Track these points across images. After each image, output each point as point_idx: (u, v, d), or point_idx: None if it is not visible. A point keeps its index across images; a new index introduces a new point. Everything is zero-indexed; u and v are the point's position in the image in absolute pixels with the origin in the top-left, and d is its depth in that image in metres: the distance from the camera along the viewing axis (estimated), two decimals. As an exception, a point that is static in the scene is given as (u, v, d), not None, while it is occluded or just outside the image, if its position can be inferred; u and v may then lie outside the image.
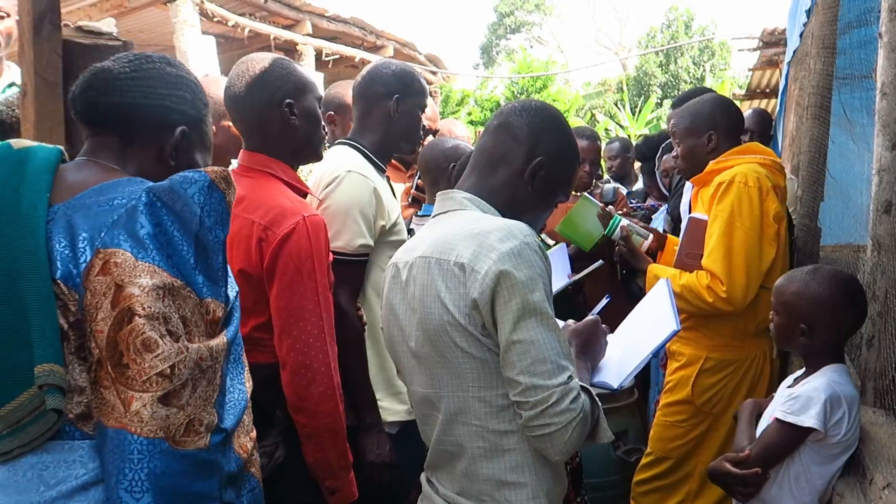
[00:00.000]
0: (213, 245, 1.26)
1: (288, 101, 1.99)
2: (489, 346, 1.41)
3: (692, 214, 2.66)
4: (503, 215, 1.54)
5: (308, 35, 7.33)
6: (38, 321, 1.17)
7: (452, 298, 1.41)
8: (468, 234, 1.44)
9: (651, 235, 2.96)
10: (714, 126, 2.69)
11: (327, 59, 7.68)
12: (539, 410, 1.35)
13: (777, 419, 1.86)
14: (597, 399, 1.47)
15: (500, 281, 1.37)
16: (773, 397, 2.09)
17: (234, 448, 1.35)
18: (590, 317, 1.72)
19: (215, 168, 1.29)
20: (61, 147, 1.38)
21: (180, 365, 1.17)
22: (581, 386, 1.42)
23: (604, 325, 1.73)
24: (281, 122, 1.99)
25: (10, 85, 2.88)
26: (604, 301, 2.58)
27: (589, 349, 1.67)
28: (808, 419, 1.79)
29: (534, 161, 1.56)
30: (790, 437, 1.84)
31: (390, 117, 2.35)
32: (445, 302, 1.42)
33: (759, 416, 2.07)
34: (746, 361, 2.62)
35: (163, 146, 1.42)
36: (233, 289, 1.38)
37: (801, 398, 1.83)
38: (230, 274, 1.38)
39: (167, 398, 1.16)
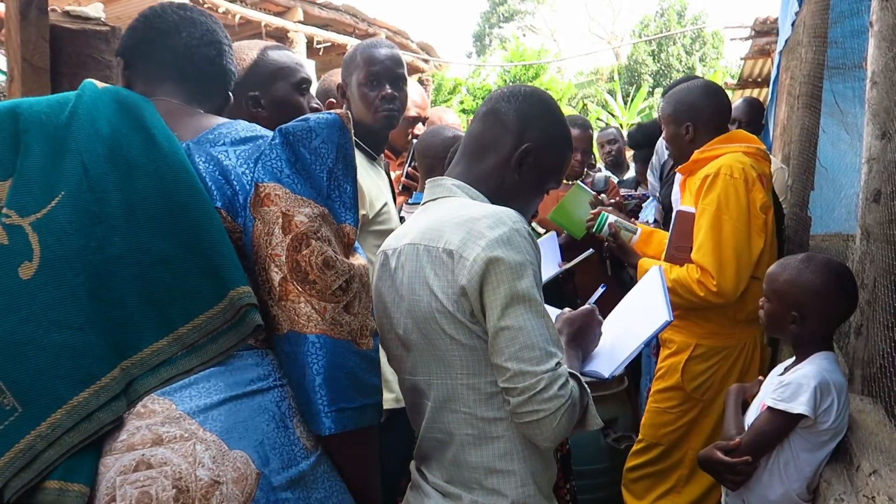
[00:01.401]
0: (344, 175, 1.37)
1: (251, 94, 1.97)
2: (477, 333, 1.41)
3: (679, 208, 2.67)
4: (492, 202, 1.53)
5: (299, 22, 7.27)
6: (223, 249, 1.28)
7: (441, 285, 1.41)
8: (457, 220, 1.43)
9: (639, 230, 2.97)
10: (692, 117, 2.69)
11: (319, 46, 7.63)
12: (527, 397, 1.35)
13: (768, 407, 1.87)
14: (586, 386, 1.47)
15: (488, 267, 1.36)
16: (759, 381, 2.11)
17: None
18: (586, 306, 1.71)
19: (339, 111, 1.40)
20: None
21: (353, 280, 1.33)
22: (570, 373, 1.42)
23: (599, 317, 1.72)
24: (248, 116, 1.96)
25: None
26: (599, 290, 2.59)
27: (582, 338, 1.66)
28: (799, 406, 1.80)
29: (520, 148, 1.55)
30: (781, 425, 1.85)
31: (348, 101, 2.36)
32: (434, 289, 1.42)
33: (745, 401, 2.08)
34: (737, 349, 2.63)
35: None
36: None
37: (791, 385, 1.84)
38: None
39: (348, 307, 1.32)
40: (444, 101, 16.47)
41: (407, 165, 3.12)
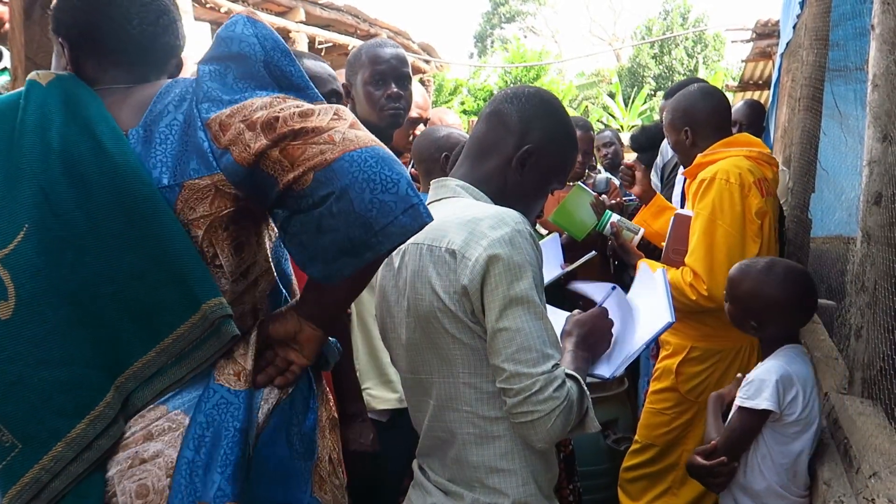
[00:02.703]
0: (283, 62, 1.30)
1: None
2: (478, 333, 1.42)
3: (678, 211, 2.69)
4: (496, 203, 1.54)
5: (301, 22, 7.27)
6: (186, 262, 1.24)
7: (443, 285, 1.41)
8: (460, 220, 1.43)
9: (642, 230, 2.97)
10: (689, 122, 2.71)
11: (320, 46, 7.63)
12: (522, 398, 1.36)
13: (737, 406, 1.92)
14: (585, 388, 1.47)
15: (489, 268, 1.37)
16: (738, 380, 2.14)
17: None
18: (596, 308, 1.70)
19: (237, 9, 1.34)
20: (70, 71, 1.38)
21: (340, 110, 1.25)
22: (570, 375, 1.43)
23: (610, 318, 1.71)
24: None
25: (3, 70, 2.86)
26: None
27: (592, 340, 1.65)
28: (763, 402, 1.85)
29: (522, 149, 1.55)
30: (749, 422, 1.89)
31: (352, 101, 2.36)
32: (436, 288, 1.42)
33: (726, 406, 2.11)
34: (732, 352, 2.64)
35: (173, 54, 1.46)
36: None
37: (754, 382, 1.90)
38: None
39: (354, 126, 1.23)
40: (445, 101, 16.48)
41: (409, 167, 3.12)
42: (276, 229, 1.37)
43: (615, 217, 2.99)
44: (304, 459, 1.37)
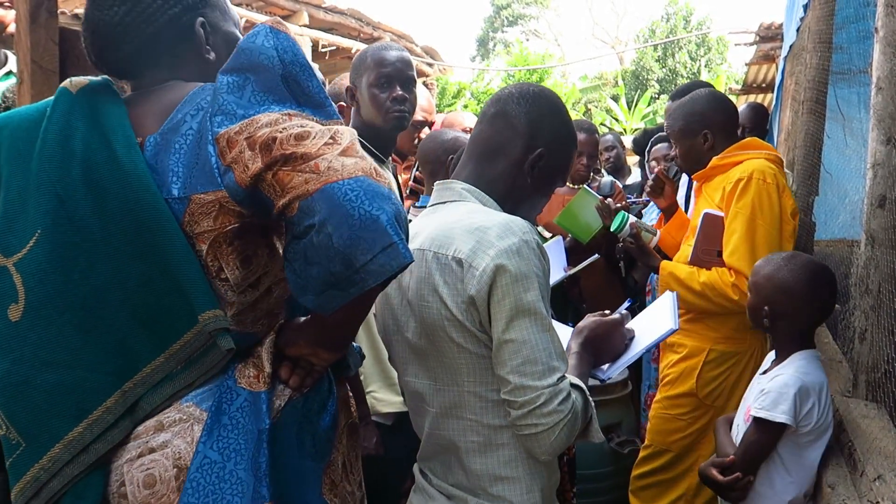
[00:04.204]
0: (301, 76, 1.28)
1: None
2: (485, 342, 1.41)
3: (707, 210, 2.62)
4: (502, 205, 1.53)
5: (304, 26, 7.28)
6: (186, 273, 1.23)
7: (450, 293, 1.40)
8: (467, 228, 1.42)
9: (658, 232, 2.96)
10: (708, 125, 2.69)
11: (324, 49, 7.65)
12: (527, 411, 1.35)
13: (752, 416, 1.89)
14: (590, 399, 1.46)
15: (496, 278, 1.35)
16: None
17: None
18: (616, 314, 1.69)
19: (267, 19, 1.32)
20: (108, 77, 1.39)
21: (337, 133, 1.21)
22: (575, 385, 1.42)
23: (627, 327, 1.70)
24: None
25: (8, 74, 2.87)
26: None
27: (600, 344, 1.64)
28: (780, 415, 1.83)
29: (534, 152, 1.54)
30: (766, 434, 1.87)
31: (357, 104, 2.37)
32: (443, 296, 1.41)
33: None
34: (747, 354, 2.62)
35: (198, 48, 1.42)
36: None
37: (771, 394, 1.86)
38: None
39: (345, 153, 1.19)
40: (449, 105, 16.49)
41: (415, 170, 3.13)
42: None
43: (633, 218, 2.98)
44: (314, 460, 1.36)
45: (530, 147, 1.54)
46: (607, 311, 1.72)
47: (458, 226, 1.44)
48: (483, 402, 1.43)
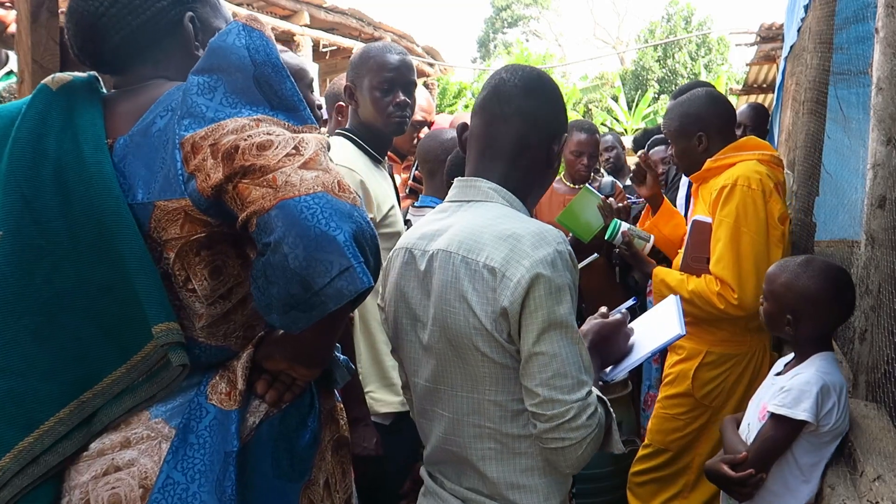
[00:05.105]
0: (274, 77, 1.23)
1: None
2: (511, 353, 1.38)
3: (695, 217, 2.63)
4: (524, 201, 1.51)
5: (305, 26, 7.29)
6: (142, 282, 1.18)
7: (479, 302, 1.36)
8: (498, 234, 1.38)
9: (652, 237, 2.96)
10: (703, 127, 2.68)
11: (325, 49, 7.65)
12: (555, 424, 1.34)
13: (770, 413, 1.87)
14: (611, 409, 1.45)
15: (530, 290, 1.33)
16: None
17: None
18: (617, 315, 1.69)
19: (241, 14, 1.27)
20: (94, 73, 1.35)
21: (302, 143, 1.16)
22: (599, 398, 1.41)
23: (630, 326, 1.70)
24: None
25: (9, 73, 2.87)
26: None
27: (605, 347, 1.64)
28: (801, 412, 1.80)
29: (554, 141, 1.53)
30: (785, 430, 1.85)
31: (356, 104, 2.36)
32: (472, 305, 1.37)
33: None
34: (747, 356, 2.62)
35: (186, 44, 1.37)
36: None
37: (792, 391, 1.84)
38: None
39: (306, 165, 1.13)
40: (449, 105, 16.47)
41: (414, 169, 3.13)
42: None
43: (625, 225, 2.98)
44: (291, 480, 1.31)
45: (550, 138, 1.53)
46: (605, 309, 1.71)
47: (488, 231, 1.40)
48: (503, 411, 1.41)
